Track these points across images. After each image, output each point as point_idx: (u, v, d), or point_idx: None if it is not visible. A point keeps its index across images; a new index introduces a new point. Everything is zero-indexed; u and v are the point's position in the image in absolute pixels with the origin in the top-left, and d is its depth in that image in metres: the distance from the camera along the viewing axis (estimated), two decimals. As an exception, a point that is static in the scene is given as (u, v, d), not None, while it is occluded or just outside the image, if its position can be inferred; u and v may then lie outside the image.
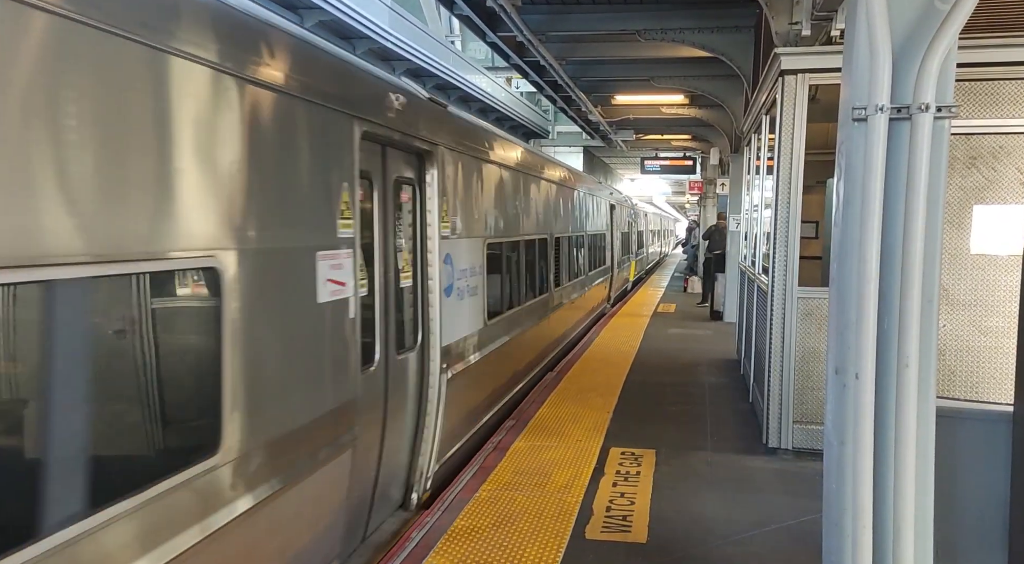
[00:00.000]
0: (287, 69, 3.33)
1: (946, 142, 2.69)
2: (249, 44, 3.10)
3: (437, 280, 5.16)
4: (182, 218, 2.65)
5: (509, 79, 20.97)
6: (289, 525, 3.39)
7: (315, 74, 3.63)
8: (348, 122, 3.85)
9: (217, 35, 2.86)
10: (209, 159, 2.80)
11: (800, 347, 5.95)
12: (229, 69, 2.91)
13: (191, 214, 2.70)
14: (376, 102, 4.26)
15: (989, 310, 5.55)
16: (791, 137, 5.88)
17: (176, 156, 2.63)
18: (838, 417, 2.80)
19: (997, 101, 5.45)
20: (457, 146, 5.64)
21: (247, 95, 3.03)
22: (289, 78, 3.33)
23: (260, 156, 3.11)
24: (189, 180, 2.70)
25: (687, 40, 10.17)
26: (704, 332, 12.73)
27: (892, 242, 2.67)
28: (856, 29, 2.75)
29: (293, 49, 3.44)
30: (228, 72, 2.90)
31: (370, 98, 4.22)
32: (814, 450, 5.80)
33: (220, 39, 2.87)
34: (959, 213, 5.50)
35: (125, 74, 2.42)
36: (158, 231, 2.54)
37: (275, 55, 3.25)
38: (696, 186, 26.53)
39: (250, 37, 3.14)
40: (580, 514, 4.76)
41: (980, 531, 3.12)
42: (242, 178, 2.99)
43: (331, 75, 3.84)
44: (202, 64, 2.75)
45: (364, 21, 11.58)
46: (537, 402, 7.60)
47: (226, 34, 2.94)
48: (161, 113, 2.57)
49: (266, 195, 3.16)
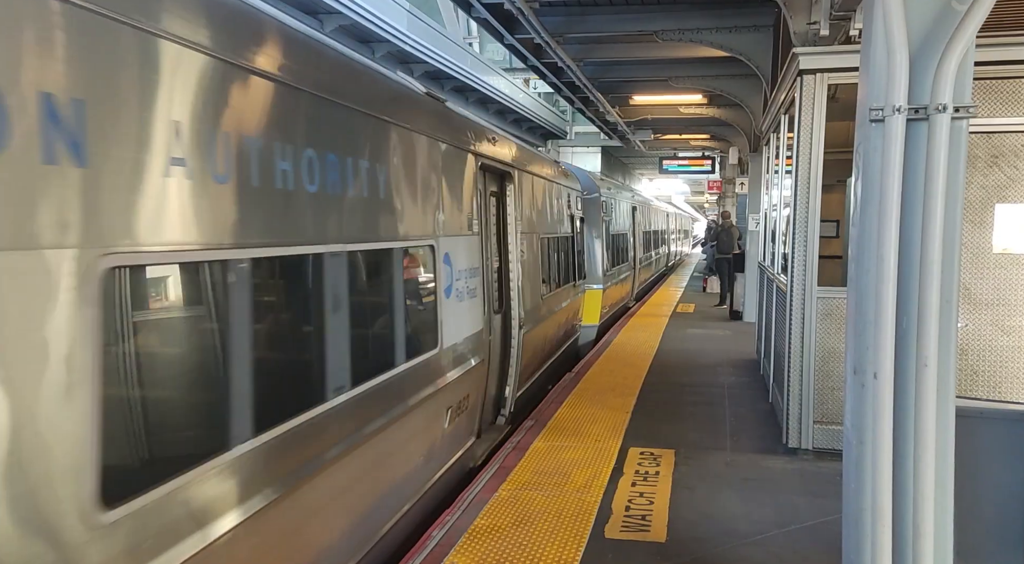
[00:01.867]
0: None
1: (964, 142, 2.69)
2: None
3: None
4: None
5: (527, 80, 21.03)
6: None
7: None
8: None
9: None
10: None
11: (820, 347, 5.93)
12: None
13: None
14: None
15: (1012, 309, 5.50)
16: (810, 137, 5.87)
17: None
18: (857, 417, 2.81)
19: (1019, 99, 5.41)
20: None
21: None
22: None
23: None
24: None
25: (705, 40, 10.15)
26: (723, 332, 12.69)
27: (910, 242, 2.68)
28: (873, 30, 2.76)
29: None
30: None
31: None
32: (835, 450, 5.78)
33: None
34: (981, 212, 5.46)
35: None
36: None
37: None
38: (715, 185, 26.43)
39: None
40: (599, 513, 4.79)
41: (1000, 531, 3.11)
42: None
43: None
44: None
45: (383, 25, 11.69)
46: (556, 402, 7.63)
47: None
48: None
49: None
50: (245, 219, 2.82)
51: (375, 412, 4.02)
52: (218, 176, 2.65)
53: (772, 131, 8.76)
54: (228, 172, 2.71)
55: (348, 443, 3.67)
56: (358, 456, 3.82)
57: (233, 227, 2.76)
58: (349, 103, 3.75)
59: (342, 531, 3.71)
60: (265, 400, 2.93)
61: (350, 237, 3.68)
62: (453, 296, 5.33)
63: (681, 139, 22.81)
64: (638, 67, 13.74)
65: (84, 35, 2.09)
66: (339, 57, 3.93)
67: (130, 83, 2.26)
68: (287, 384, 3.25)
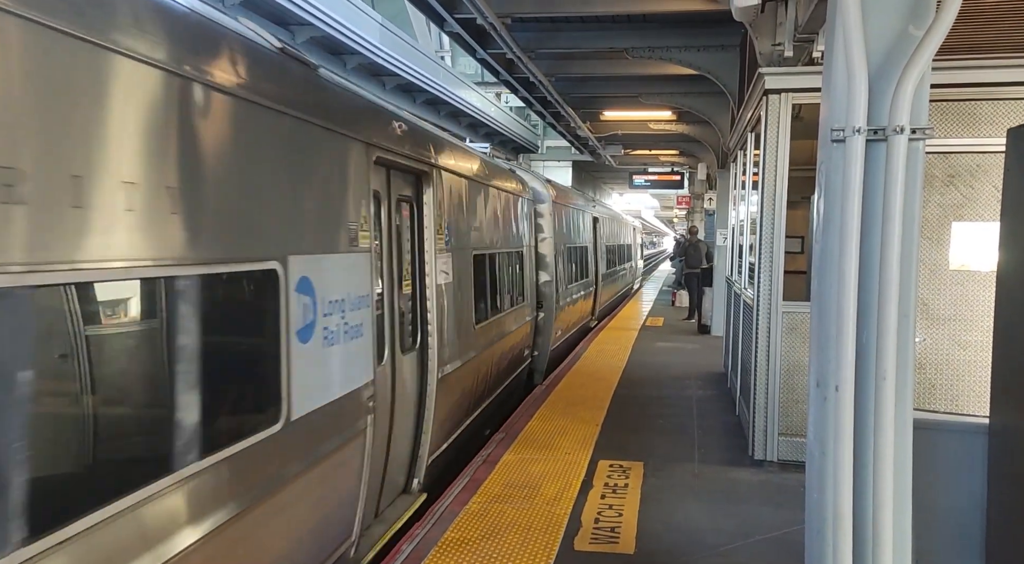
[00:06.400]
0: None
1: (921, 162, 2.79)
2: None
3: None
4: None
5: (499, 94, 21.13)
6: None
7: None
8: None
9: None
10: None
11: (785, 360, 6.04)
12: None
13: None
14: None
15: (968, 325, 5.66)
16: (775, 154, 6.01)
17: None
18: (819, 428, 2.88)
19: (974, 121, 5.60)
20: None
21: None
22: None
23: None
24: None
25: (674, 58, 10.34)
26: (692, 346, 12.83)
27: (870, 258, 2.76)
28: (834, 53, 2.86)
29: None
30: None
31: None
32: (799, 462, 5.87)
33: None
34: (938, 229, 5.63)
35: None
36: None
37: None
38: (684, 201, 26.74)
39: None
40: (569, 526, 4.81)
41: (958, 540, 3.20)
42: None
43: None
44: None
45: (355, 37, 11.69)
46: (526, 415, 7.65)
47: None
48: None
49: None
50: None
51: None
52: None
53: (739, 148, 8.94)
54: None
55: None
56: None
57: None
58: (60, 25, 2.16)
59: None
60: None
61: (73, 258, 2.20)
62: (316, 339, 3.63)
63: (651, 154, 23.12)
64: (608, 83, 13.93)
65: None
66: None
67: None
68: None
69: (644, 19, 10.12)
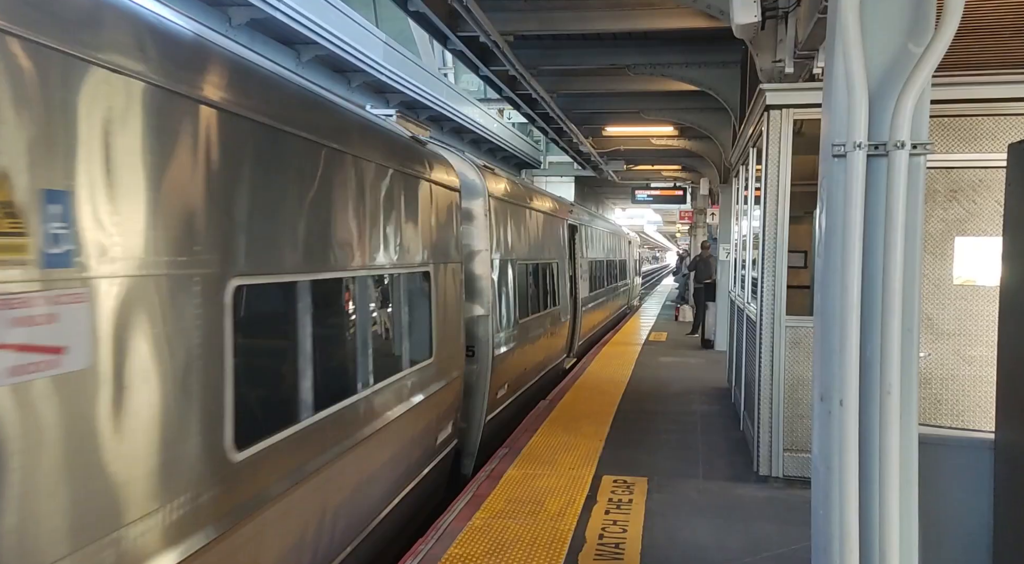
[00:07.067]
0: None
1: (922, 177, 2.80)
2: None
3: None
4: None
5: (501, 110, 21.26)
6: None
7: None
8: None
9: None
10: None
11: (789, 375, 6.02)
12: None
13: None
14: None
15: (973, 339, 5.65)
16: (777, 170, 6.03)
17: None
18: (824, 444, 2.87)
19: (976, 136, 5.62)
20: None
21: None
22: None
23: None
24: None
25: (675, 75, 10.42)
26: (695, 360, 12.80)
27: (873, 273, 2.77)
28: (834, 69, 2.88)
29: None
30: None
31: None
32: (804, 478, 5.84)
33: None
34: (941, 244, 5.63)
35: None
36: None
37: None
38: (686, 216, 26.76)
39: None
40: (573, 542, 4.79)
41: (965, 557, 3.17)
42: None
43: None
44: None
45: (359, 55, 11.79)
46: (530, 431, 7.62)
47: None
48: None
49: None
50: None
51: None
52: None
53: (741, 163, 8.97)
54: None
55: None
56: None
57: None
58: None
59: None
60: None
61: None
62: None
63: (653, 169, 23.18)
64: (610, 99, 14.02)
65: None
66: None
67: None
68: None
69: (645, 36, 10.20)
